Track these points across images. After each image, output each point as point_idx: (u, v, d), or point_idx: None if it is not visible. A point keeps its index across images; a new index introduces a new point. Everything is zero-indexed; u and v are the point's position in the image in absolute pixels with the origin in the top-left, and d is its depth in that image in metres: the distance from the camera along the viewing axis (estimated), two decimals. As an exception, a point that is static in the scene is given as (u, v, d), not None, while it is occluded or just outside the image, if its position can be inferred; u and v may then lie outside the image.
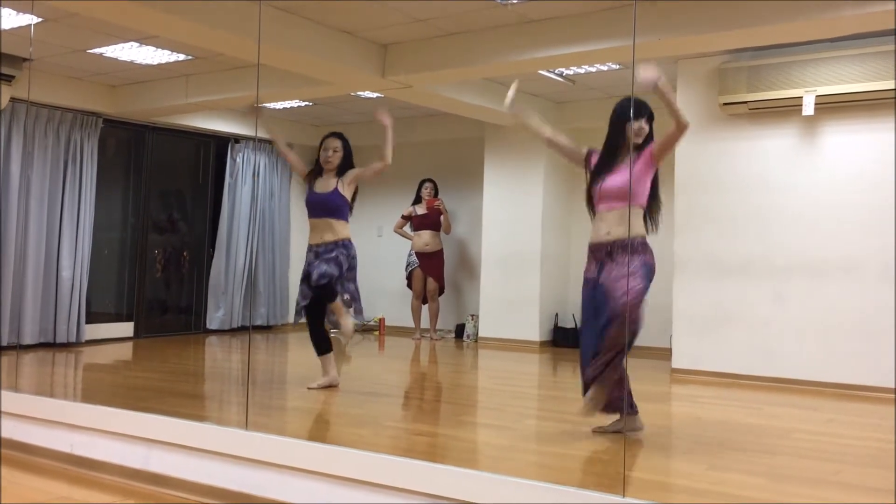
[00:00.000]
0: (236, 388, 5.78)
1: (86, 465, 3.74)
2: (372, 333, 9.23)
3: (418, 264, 8.61)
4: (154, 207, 8.69)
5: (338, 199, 5.16)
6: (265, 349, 7.97)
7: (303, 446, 3.24)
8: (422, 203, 8.69)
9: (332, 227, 5.15)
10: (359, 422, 4.50)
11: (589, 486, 3.00)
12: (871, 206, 5.72)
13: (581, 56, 5.70)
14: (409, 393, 5.90)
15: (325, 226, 5.16)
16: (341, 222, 5.18)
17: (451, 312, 9.11)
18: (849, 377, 5.67)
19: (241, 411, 4.82)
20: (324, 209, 5.16)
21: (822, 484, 3.36)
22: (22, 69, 6.84)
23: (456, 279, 9.17)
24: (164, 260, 8.82)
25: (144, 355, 7.44)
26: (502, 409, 5.04)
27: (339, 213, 5.18)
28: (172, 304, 9.01)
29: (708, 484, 3.30)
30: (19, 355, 6.79)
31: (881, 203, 5.67)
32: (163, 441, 3.52)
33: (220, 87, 7.17)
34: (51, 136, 7.45)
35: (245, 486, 3.25)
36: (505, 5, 5.30)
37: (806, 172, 5.99)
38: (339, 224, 5.17)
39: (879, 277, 5.64)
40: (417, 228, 8.66)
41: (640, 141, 3.99)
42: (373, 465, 2.99)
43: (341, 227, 5.18)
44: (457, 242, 9.18)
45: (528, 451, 3.92)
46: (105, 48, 6.41)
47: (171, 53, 6.51)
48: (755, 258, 6.10)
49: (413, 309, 8.71)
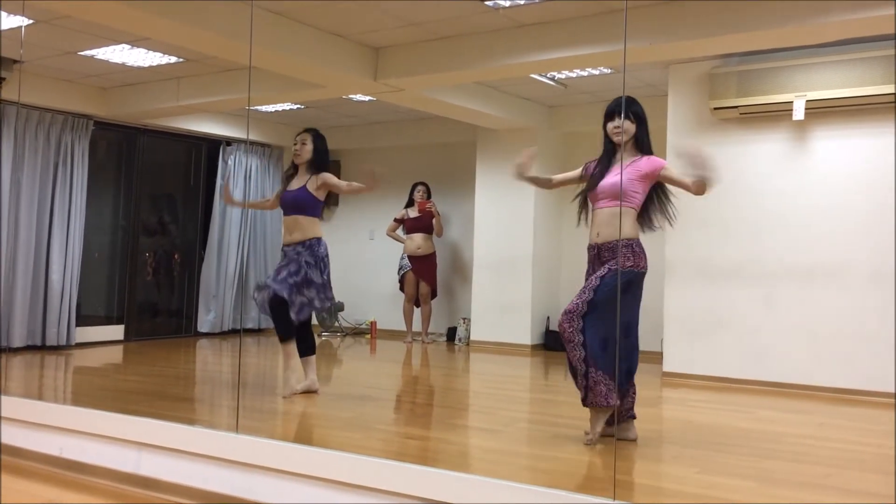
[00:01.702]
0: (227, 391, 5.77)
1: (75, 469, 3.72)
2: (363, 337, 9.22)
3: (410, 267, 8.61)
4: (145, 210, 8.66)
5: (304, 196, 5.08)
6: (256, 352, 7.94)
7: (293, 450, 3.24)
8: (414, 206, 8.68)
9: (299, 224, 5.08)
10: (350, 425, 4.49)
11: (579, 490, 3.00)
12: (861, 210, 5.75)
13: (573, 60, 5.71)
14: (400, 396, 5.90)
15: (293, 223, 5.10)
16: (310, 219, 5.09)
17: (443, 316, 9.11)
18: (840, 381, 5.69)
19: (231, 414, 4.80)
20: (293, 206, 5.10)
21: (813, 487, 3.37)
22: (12, 71, 6.82)
23: (448, 282, 9.17)
24: (155, 263, 8.80)
25: (135, 359, 7.41)
26: (494, 413, 5.03)
27: (308, 209, 5.08)
28: (163, 307, 8.98)
29: (698, 488, 3.31)
30: (8, 358, 6.75)
31: (872, 207, 5.70)
32: (153, 444, 3.50)
33: (211, 90, 7.16)
34: (41, 139, 7.42)
35: (235, 490, 3.24)
36: (497, 9, 5.31)
37: (796, 177, 6.01)
38: (308, 221, 5.08)
39: (870, 281, 5.66)
40: (410, 232, 8.66)
41: (625, 139, 3.97)
42: (364, 469, 2.99)
43: (309, 223, 5.08)
44: (449, 246, 9.18)
45: (519, 455, 3.92)
46: (96, 50, 6.40)
47: (163, 56, 6.50)
48: (746, 262, 6.12)
49: (405, 312, 8.71)
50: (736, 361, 6.08)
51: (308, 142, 5.17)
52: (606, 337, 3.83)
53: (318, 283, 5.03)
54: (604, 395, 3.83)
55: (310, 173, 5.16)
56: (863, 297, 5.68)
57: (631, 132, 3.99)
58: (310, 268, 5.01)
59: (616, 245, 3.88)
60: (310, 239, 5.06)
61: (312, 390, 5.19)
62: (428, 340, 8.65)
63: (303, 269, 5.00)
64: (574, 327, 3.85)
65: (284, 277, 5.00)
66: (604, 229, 3.94)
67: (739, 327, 6.10)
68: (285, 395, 5.12)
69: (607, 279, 3.86)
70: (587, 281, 3.96)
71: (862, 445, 4.27)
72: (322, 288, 5.05)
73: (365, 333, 9.32)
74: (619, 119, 3.97)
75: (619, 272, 3.82)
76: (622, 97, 4.04)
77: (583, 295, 3.89)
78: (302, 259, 5.02)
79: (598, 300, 3.85)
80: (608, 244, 3.91)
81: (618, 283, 3.80)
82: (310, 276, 5.00)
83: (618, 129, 3.98)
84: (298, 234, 5.07)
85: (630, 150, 4.01)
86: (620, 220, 3.85)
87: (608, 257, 3.91)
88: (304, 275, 4.99)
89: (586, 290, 3.89)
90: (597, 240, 3.97)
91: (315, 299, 5.02)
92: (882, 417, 5.00)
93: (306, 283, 5.00)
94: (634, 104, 4.03)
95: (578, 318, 3.85)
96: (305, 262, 5.01)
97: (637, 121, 4.00)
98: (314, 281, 5.01)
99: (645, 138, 4.04)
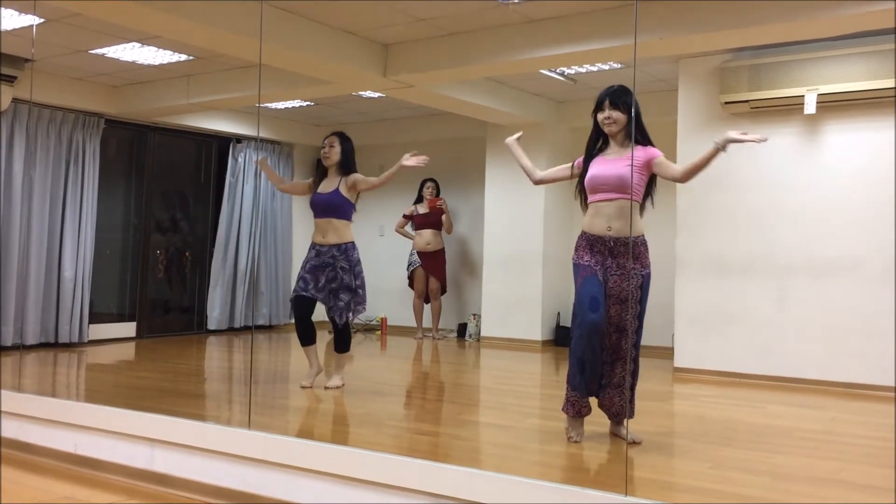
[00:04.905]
0: (239, 387, 5.79)
1: (89, 465, 3.74)
2: (374, 333, 9.24)
3: (420, 263, 8.62)
4: (156, 207, 8.70)
5: (338, 199, 5.19)
6: (267, 349, 7.97)
7: (306, 446, 3.25)
8: (423, 202, 8.69)
9: (334, 227, 5.20)
10: (362, 421, 4.51)
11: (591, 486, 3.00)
12: (873, 204, 5.72)
13: (582, 55, 5.71)
14: (411, 392, 5.90)
15: (326, 225, 5.20)
16: (343, 222, 5.22)
17: (453, 312, 9.12)
18: (851, 376, 5.68)
19: (243, 411, 4.82)
20: (325, 209, 5.21)
21: (825, 483, 3.36)
22: (24, 70, 6.86)
23: (458, 278, 9.17)
24: (167, 260, 8.84)
25: (147, 355, 7.44)
26: (505, 409, 5.04)
27: (340, 212, 5.21)
28: (175, 304, 9.02)
29: (710, 483, 3.31)
30: (22, 355, 6.80)
31: (883, 201, 5.67)
32: (166, 441, 3.52)
33: (221, 88, 7.18)
34: (53, 137, 7.46)
35: (248, 486, 3.26)
36: (506, 5, 5.30)
37: (808, 171, 5.99)
38: (341, 224, 5.21)
39: (882, 275, 5.64)
40: (419, 228, 8.66)
41: (615, 130, 3.90)
42: (376, 465, 3.00)
43: (343, 227, 5.21)
44: (458, 242, 9.18)
45: (531, 451, 3.92)
46: (107, 49, 6.42)
47: (173, 54, 6.52)
48: (757, 257, 6.10)
49: (415, 308, 8.72)
50: (747, 356, 6.06)
51: (336, 144, 5.28)
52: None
53: (352, 287, 5.17)
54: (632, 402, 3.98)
55: (339, 175, 5.27)
56: (875, 291, 5.65)
57: (622, 122, 3.89)
58: (345, 273, 5.15)
59: (629, 241, 3.82)
60: (345, 243, 5.20)
61: (336, 386, 5.31)
62: (438, 336, 8.66)
63: (339, 275, 5.15)
64: (630, 343, 3.85)
65: (324, 285, 5.15)
66: (615, 223, 3.83)
67: (751, 322, 6.08)
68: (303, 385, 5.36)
69: (645, 287, 3.86)
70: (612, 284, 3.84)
71: (874, 440, 4.26)
72: (355, 293, 5.19)
73: (375, 330, 9.34)
74: (609, 109, 3.89)
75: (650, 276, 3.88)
76: (612, 87, 3.94)
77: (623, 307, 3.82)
78: (338, 264, 5.16)
79: (642, 311, 3.87)
80: (622, 239, 3.82)
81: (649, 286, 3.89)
82: (346, 282, 5.15)
83: (609, 120, 3.90)
84: (334, 236, 5.19)
85: (620, 141, 3.94)
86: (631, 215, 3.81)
87: (621, 252, 3.83)
88: (340, 280, 5.14)
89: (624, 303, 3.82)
90: (608, 233, 3.84)
91: (351, 302, 5.17)
92: (894, 412, 4.98)
93: (343, 288, 5.15)
94: (625, 94, 3.89)
95: (633, 334, 3.85)
96: (341, 268, 5.16)
97: (627, 111, 3.88)
98: (349, 286, 5.15)
99: (640, 128, 3.91)
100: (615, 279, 3.84)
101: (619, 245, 3.84)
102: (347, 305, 5.15)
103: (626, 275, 3.82)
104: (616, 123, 3.90)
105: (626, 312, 3.82)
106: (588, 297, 3.80)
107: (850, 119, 5.87)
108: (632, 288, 3.82)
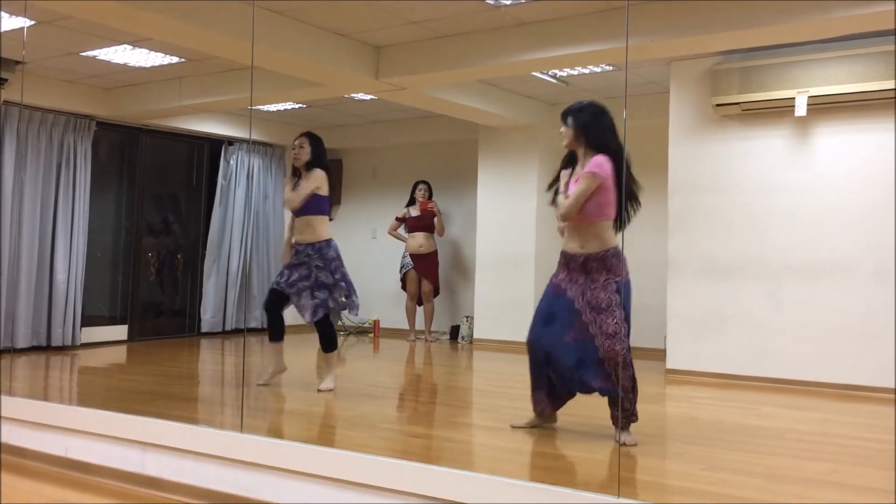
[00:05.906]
0: (231, 390, 5.77)
1: (80, 469, 3.72)
2: (366, 335, 9.22)
3: (412, 266, 8.61)
4: (148, 210, 8.67)
5: (311, 197, 5.22)
6: (259, 352, 7.94)
7: (298, 448, 3.24)
8: (416, 205, 8.69)
9: (309, 224, 5.24)
10: (354, 424, 4.50)
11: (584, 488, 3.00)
12: (864, 205, 5.74)
13: (574, 58, 5.71)
14: (403, 395, 5.90)
15: (303, 224, 5.26)
16: (319, 218, 5.25)
17: (446, 314, 9.11)
18: (844, 377, 5.69)
19: (235, 414, 4.81)
20: (300, 208, 5.24)
21: (819, 484, 3.36)
22: (14, 72, 6.83)
23: (450, 281, 9.17)
24: (159, 263, 8.81)
25: (139, 358, 7.42)
26: (497, 411, 5.03)
27: (314, 209, 5.23)
28: (167, 307, 8.99)
29: (704, 484, 3.31)
30: (13, 359, 6.76)
31: (875, 203, 5.69)
32: (158, 444, 3.51)
33: (213, 90, 7.16)
34: (44, 139, 7.43)
35: (240, 489, 3.24)
36: (498, 7, 5.31)
37: (799, 173, 6.00)
38: (317, 220, 5.24)
39: (874, 277, 5.66)
40: (412, 230, 8.66)
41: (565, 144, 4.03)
42: (368, 467, 2.99)
43: (319, 223, 5.24)
44: (451, 244, 9.18)
45: (523, 453, 3.92)
46: (98, 51, 6.40)
47: (165, 56, 6.50)
48: (749, 259, 6.11)
49: (408, 311, 8.71)
50: (740, 358, 6.07)
51: (305, 144, 5.32)
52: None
53: (329, 283, 5.17)
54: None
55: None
56: (868, 292, 5.67)
57: (569, 137, 4.00)
58: (319, 271, 5.17)
59: (604, 255, 3.92)
60: (319, 242, 5.21)
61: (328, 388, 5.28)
62: (431, 339, 8.65)
63: (313, 273, 5.17)
64: (626, 348, 3.89)
65: (295, 281, 5.18)
66: (589, 242, 3.95)
67: (743, 324, 6.09)
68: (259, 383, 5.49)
69: (623, 293, 3.90)
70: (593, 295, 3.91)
71: (867, 442, 4.26)
72: (334, 288, 5.19)
73: (368, 332, 9.33)
74: (562, 124, 4.04)
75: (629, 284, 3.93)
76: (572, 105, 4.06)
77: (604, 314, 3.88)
78: (312, 262, 5.19)
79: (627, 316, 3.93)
80: (595, 255, 3.94)
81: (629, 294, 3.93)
82: (320, 279, 5.16)
83: (563, 137, 4.05)
84: (310, 235, 5.23)
85: (582, 155, 4.01)
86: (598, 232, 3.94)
87: (595, 267, 3.94)
88: (314, 278, 5.16)
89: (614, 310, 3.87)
90: (581, 250, 3.97)
91: (329, 300, 5.18)
92: (887, 414, 4.99)
93: (317, 286, 5.16)
94: (578, 111, 4.01)
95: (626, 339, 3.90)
96: (315, 266, 5.18)
97: (575, 126, 3.98)
98: (325, 283, 5.16)
99: (600, 142, 3.96)
100: (591, 293, 3.92)
101: (591, 261, 3.97)
102: (323, 303, 5.16)
103: (601, 286, 3.90)
104: (565, 138, 4.03)
105: (610, 318, 3.84)
106: (538, 314, 4.18)
107: (840, 121, 5.89)
108: (609, 295, 3.87)
